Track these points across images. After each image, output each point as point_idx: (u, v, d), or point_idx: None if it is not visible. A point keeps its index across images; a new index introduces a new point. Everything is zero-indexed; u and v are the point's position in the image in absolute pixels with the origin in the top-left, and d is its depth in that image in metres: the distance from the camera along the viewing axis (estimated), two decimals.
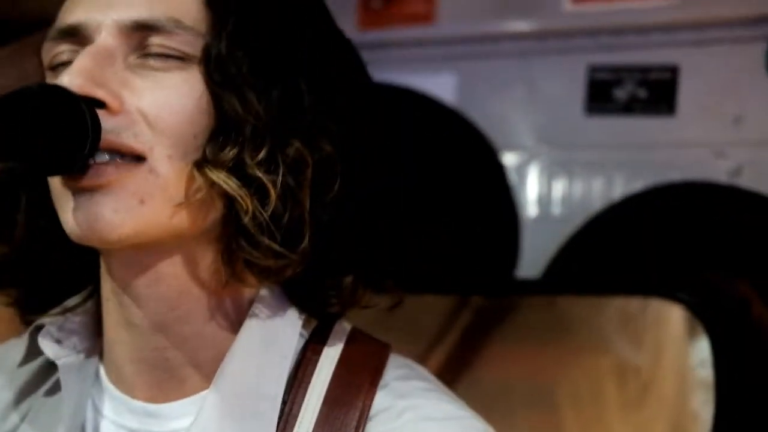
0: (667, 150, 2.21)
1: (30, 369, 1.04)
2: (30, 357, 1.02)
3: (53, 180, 0.93)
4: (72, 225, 0.91)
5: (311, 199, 0.92)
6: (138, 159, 0.89)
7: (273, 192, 0.89)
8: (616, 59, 2.27)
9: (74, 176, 0.89)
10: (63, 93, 0.86)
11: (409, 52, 2.46)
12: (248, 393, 0.93)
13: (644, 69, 2.24)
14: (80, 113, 0.85)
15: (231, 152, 0.89)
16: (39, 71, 0.98)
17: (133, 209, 0.89)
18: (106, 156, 0.89)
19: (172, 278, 0.94)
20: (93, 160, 0.88)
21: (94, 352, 1.02)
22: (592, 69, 2.29)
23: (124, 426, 0.97)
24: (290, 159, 0.91)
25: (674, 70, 2.21)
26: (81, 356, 1.00)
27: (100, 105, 0.88)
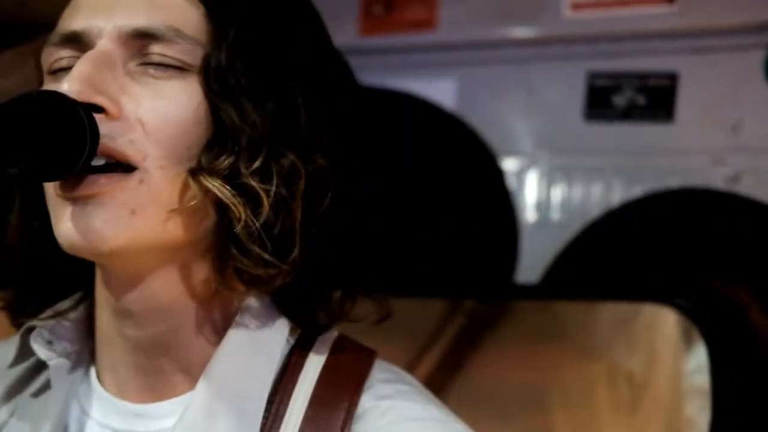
0: (666, 156, 2.22)
1: (20, 370, 1.04)
2: (21, 358, 1.03)
3: (48, 189, 0.94)
4: (65, 236, 0.91)
5: (303, 211, 0.92)
6: (129, 169, 0.90)
7: (266, 201, 0.89)
8: (616, 66, 2.28)
9: (68, 185, 0.90)
10: (62, 99, 0.87)
11: (410, 58, 2.46)
12: (234, 393, 0.94)
13: (643, 76, 2.25)
14: (79, 120, 0.86)
15: (226, 161, 0.90)
16: (40, 75, 0.99)
17: (124, 220, 0.89)
18: (102, 160, 0.89)
19: (165, 290, 0.95)
20: (90, 166, 0.88)
21: (85, 355, 1.02)
22: (592, 75, 2.30)
23: (109, 426, 0.98)
24: (284, 170, 0.91)
25: (673, 77, 2.22)
26: (72, 358, 1.01)
27: (99, 110, 0.89)
